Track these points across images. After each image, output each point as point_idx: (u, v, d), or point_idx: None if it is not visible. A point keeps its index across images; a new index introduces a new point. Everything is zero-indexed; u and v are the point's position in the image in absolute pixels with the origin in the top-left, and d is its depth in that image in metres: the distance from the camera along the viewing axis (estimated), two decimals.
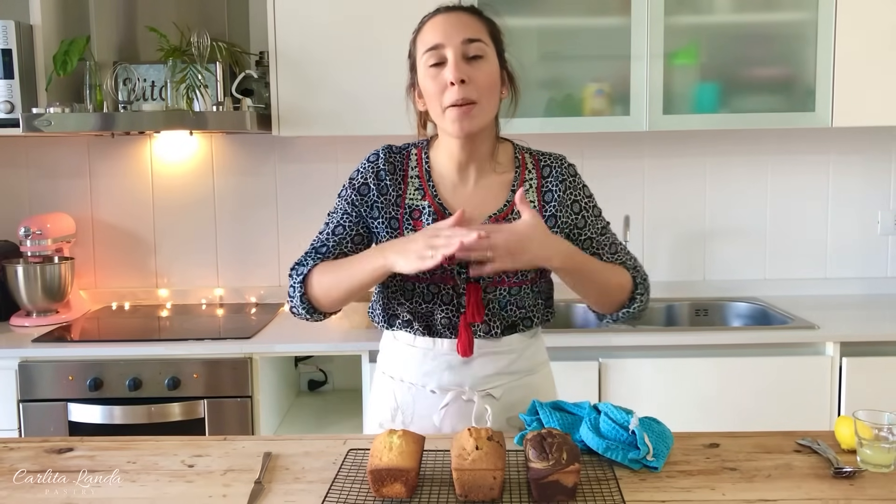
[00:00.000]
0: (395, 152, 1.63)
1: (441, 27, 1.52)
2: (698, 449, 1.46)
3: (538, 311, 1.64)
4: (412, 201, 1.58)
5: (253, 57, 2.92)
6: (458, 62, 1.49)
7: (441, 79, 1.50)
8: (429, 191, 1.59)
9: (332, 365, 3.10)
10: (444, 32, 1.51)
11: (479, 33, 1.53)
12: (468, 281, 1.54)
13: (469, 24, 1.53)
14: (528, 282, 1.59)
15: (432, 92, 1.52)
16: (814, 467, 1.38)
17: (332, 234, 1.62)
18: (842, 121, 2.69)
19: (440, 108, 1.52)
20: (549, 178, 1.62)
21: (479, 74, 1.50)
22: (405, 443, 1.28)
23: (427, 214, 1.57)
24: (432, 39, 1.52)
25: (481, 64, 1.52)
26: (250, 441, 1.55)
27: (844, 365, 2.44)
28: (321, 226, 1.66)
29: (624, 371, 2.47)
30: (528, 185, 1.61)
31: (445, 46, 1.50)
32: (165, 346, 2.50)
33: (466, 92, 1.49)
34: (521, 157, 1.64)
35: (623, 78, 2.70)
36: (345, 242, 1.60)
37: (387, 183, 1.59)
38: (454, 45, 1.50)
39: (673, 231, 3.10)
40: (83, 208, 3.09)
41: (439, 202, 1.58)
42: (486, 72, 1.52)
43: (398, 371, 1.64)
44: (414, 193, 1.59)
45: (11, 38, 2.65)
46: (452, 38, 1.50)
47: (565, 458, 1.24)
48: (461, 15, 1.54)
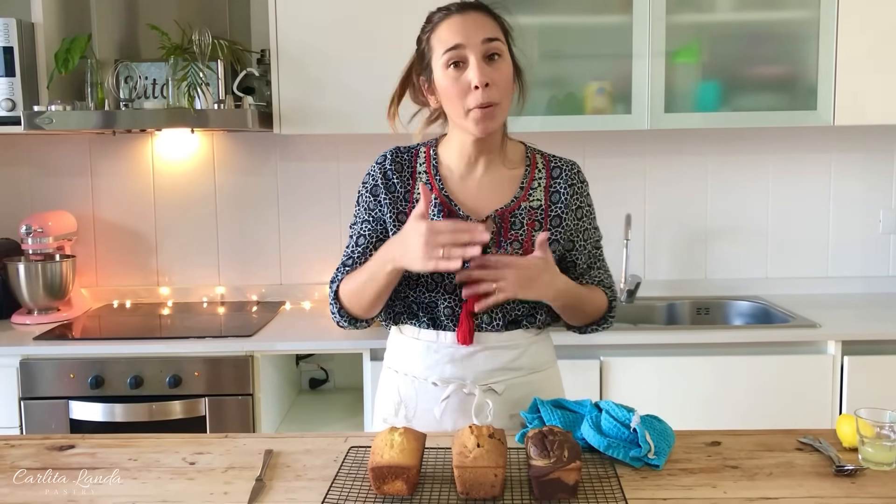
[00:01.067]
0: (403, 152, 1.65)
1: (460, 27, 1.53)
2: (700, 447, 1.46)
3: (542, 308, 1.64)
4: (419, 196, 1.59)
5: (254, 55, 2.92)
6: (481, 64, 1.50)
7: (464, 81, 1.51)
8: (436, 185, 1.61)
9: (333, 363, 3.10)
10: (465, 33, 1.52)
11: (495, 32, 1.54)
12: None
13: (485, 23, 1.54)
14: None
15: (453, 93, 1.52)
16: (815, 465, 1.38)
17: (356, 245, 1.64)
18: (844, 119, 2.69)
19: (462, 109, 1.52)
20: (559, 180, 1.64)
21: (499, 75, 1.52)
22: (406, 440, 1.28)
23: (433, 206, 1.58)
24: (452, 39, 1.52)
25: (499, 63, 1.53)
26: (251, 438, 1.55)
27: (846, 364, 2.44)
28: (346, 238, 1.69)
29: (625, 369, 2.47)
30: (536, 182, 1.63)
31: (466, 47, 1.51)
32: (166, 343, 2.50)
33: (490, 95, 1.50)
34: (532, 156, 1.67)
35: (624, 76, 2.70)
36: (369, 251, 1.62)
37: (394, 182, 1.61)
38: (475, 46, 1.51)
39: (674, 229, 3.10)
40: (84, 206, 3.09)
41: (446, 195, 1.60)
42: (504, 71, 1.54)
43: (402, 365, 1.66)
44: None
45: (13, 36, 2.65)
46: (472, 38, 1.51)
47: (567, 455, 1.24)
48: (477, 14, 1.55)
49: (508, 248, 1.58)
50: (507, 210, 1.60)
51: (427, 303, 1.60)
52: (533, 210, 1.61)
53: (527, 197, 1.62)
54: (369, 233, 1.63)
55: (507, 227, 1.59)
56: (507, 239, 1.58)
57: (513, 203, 1.60)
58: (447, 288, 1.58)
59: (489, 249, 1.57)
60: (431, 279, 1.58)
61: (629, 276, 2.94)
